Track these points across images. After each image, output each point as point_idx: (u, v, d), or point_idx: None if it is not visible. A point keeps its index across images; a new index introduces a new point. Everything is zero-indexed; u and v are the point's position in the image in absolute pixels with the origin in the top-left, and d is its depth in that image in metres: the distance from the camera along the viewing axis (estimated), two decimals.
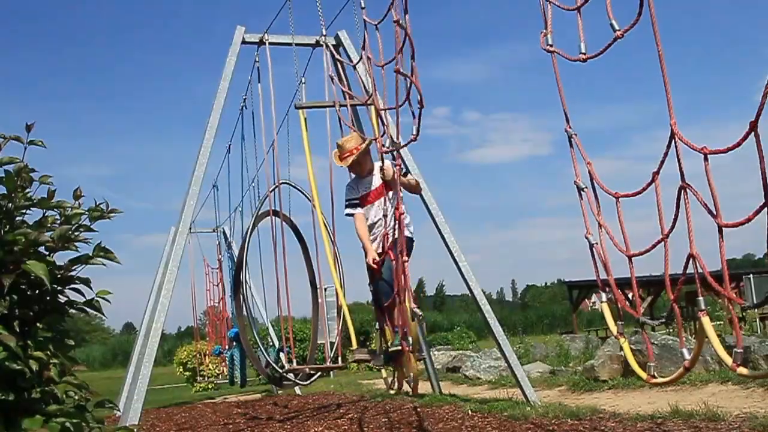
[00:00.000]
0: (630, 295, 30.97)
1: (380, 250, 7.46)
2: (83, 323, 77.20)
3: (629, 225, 4.64)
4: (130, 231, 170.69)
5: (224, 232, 19.61)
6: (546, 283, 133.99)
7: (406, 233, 6.95)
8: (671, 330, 17.01)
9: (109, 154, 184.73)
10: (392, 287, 6.99)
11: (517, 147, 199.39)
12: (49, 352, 3.15)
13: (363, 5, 7.16)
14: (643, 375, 4.57)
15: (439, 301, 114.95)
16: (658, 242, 4.13)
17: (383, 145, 7.24)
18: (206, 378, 21.72)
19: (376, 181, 7.71)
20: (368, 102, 8.29)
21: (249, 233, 11.28)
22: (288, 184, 11.20)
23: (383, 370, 7.13)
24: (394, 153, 6.93)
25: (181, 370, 25.27)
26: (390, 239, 7.05)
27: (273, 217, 11.28)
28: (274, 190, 10.93)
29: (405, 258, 6.34)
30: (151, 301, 14.66)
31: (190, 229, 10.98)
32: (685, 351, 4.17)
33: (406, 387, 8.03)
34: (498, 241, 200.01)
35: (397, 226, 6.60)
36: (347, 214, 7.85)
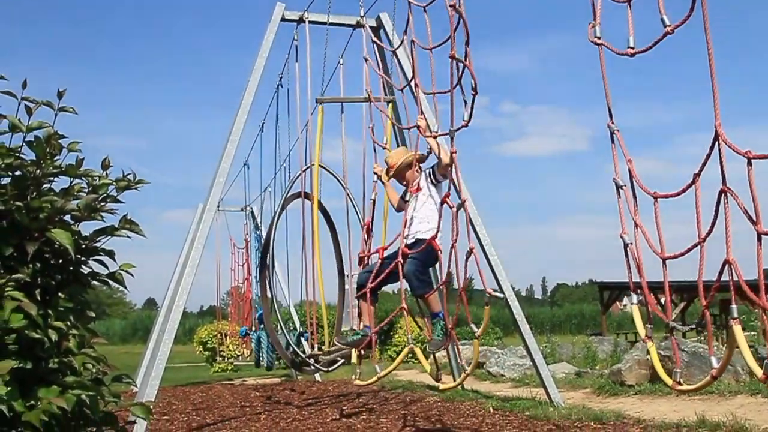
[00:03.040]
0: (662, 300, 30.79)
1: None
2: (105, 296, 77.87)
3: (665, 227, 4.59)
4: (156, 205, 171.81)
5: (252, 212, 19.63)
6: (577, 283, 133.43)
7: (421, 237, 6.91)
8: (702, 338, 16.86)
9: (139, 127, 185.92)
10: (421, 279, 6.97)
11: (554, 141, 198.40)
12: (69, 323, 3.17)
13: None
14: (669, 381, 4.53)
15: (467, 295, 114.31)
16: (694, 246, 4.09)
17: (426, 131, 7.14)
18: (226, 359, 21.83)
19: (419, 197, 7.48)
20: (403, 88, 8.21)
21: (277, 215, 11.30)
22: (320, 166, 11.19)
23: (427, 364, 7.13)
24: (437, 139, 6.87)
25: (201, 349, 25.43)
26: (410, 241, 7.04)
27: (303, 200, 11.29)
28: (304, 171, 10.93)
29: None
30: (175, 278, 14.73)
31: (218, 206, 11.00)
32: (713, 359, 4.13)
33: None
34: (530, 236, 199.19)
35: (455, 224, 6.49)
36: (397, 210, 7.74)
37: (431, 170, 7.28)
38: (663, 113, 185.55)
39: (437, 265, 6.96)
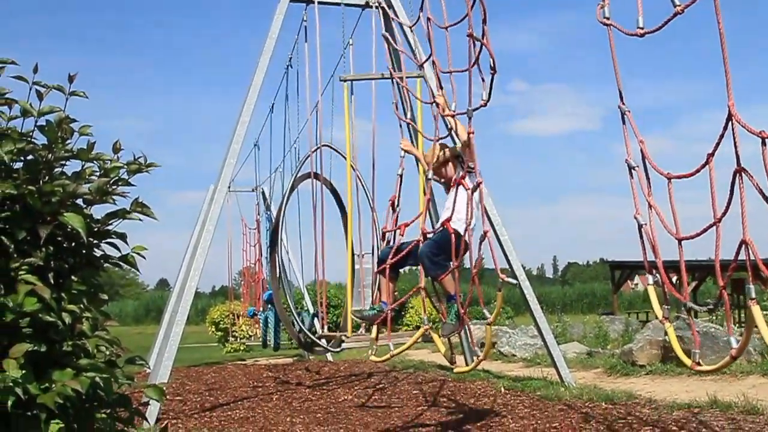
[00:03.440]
0: (675, 280, 30.71)
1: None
2: (117, 277, 78.14)
3: (679, 207, 4.57)
4: (168, 187, 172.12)
5: (263, 193, 19.62)
6: (588, 262, 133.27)
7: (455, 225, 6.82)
8: (714, 317, 16.81)
9: (149, 109, 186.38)
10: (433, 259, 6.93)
11: (564, 120, 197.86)
12: (82, 306, 3.18)
13: None
14: (688, 362, 4.52)
15: (484, 273, 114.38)
16: (710, 226, 4.06)
17: (444, 110, 7.07)
18: (238, 339, 21.89)
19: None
20: (425, 63, 8.11)
21: (287, 195, 11.30)
22: (329, 147, 11.18)
23: (442, 345, 7.14)
24: (455, 118, 6.81)
25: (214, 329, 25.50)
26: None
27: (313, 180, 11.29)
28: (314, 152, 10.92)
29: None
30: (187, 259, 14.77)
31: (229, 187, 11.00)
32: (732, 340, 4.12)
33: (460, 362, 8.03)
34: (541, 215, 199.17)
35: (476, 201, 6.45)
36: None
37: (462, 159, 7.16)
38: (675, 91, 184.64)
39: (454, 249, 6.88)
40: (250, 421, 8.41)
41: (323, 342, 11.75)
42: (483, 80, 5.87)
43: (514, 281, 6.47)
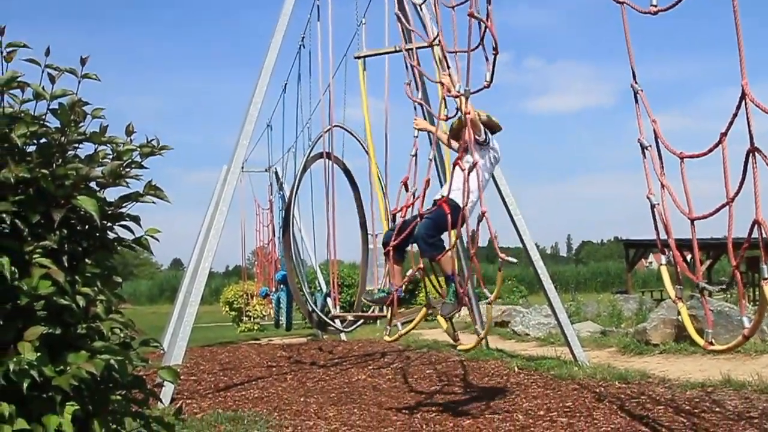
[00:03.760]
0: (690, 258, 30.62)
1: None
2: (131, 257, 78.29)
3: (691, 184, 4.56)
4: (180, 166, 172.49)
5: (276, 173, 19.64)
6: (602, 240, 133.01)
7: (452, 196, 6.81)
8: (729, 296, 16.77)
9: (162, 88, 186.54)
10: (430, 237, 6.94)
11: (579, 97, 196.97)
12: (96, 288, 3.20)
13: None
14: (701, 341, 4.52)
15: (492, 253, 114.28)
16: (723, 206, 4.05)
17: (450, 90, 7.05)
18: (252, 319, 21.99)
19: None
20: (433, 42, 8.08)
21: (299, 176, 11.33)
22: (341, 127, 11.19)
23: (444, 323, 7.17)
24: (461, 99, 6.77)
25: (227, 309, 25.61)
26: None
27: (325, 160, 11.31)
28: (326, 132, 10.94)
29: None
30: (200, 239, 14.81)
31: (242, 168, 11.00)
32: (745, 319, 4.12)
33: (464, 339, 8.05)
34: (555, 194, 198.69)
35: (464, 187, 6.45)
36: None
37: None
38: (689, 67, 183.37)
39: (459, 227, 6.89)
40: (264, 401, 8.46)
41: (337, 322, 11.81)
42: (487, 60, 5.86)
43: (514, 260, 6.47)
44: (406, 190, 7.66)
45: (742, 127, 3.83)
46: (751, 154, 3.75)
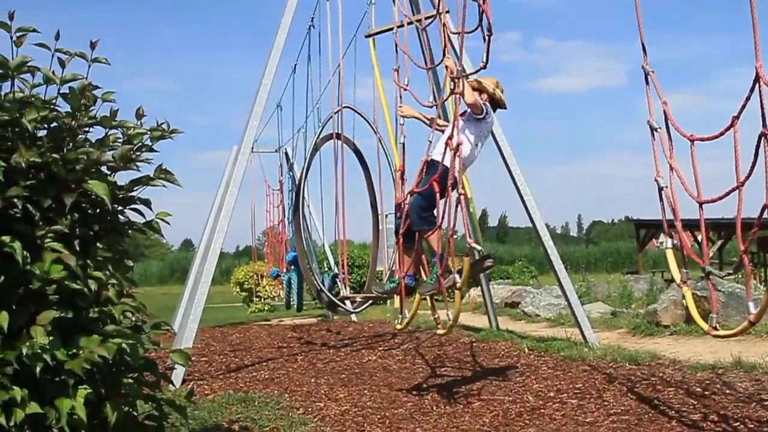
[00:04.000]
0: (698, 237, 30.49)
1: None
2: (142, 238, 78.47)
3: (701, 164, 4.55)
4: (191, 146, 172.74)
5: (286, 153, 19.63)
6: (613, 220, 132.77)
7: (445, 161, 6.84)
8: (740, 276, 16.70)
9: (173, 68, 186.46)
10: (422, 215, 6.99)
11: (589, 77, 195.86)
12: (108, 272, 3.23)
13: None
14: (705, 326, 4.53)
15: (502, 232, 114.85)
16: (732, 190, 4.05)
17: (453, 72, 7.05)
18: (262, 299, 22.07)
19: None
20: (440, 12, 8.05)
21: (310, 157, 11.33)
22: (351, 108, 11.18)
23: (418, 302, 7.24)
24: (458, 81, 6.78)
25: (238, 290, 25.69)
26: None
27: (335, 141, 11.32)
28: (336, 113, 10.94)
29: (462, 191, 6.30)
30: (211, 220, 14.84)
31: (252, 149, 11.00)
32: (751, 304, 4.11)
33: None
34: (566, 173, 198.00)
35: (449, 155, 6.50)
36: None
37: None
38: (702, 46, 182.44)
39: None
40: (275, 382, 8.50)
41: (347, 303, 11.85)
42: (484, 39, 5.88)
43: (479, 247, 6.50)
44: (402, 179, 7.70)
45: (755, 107, 3.82)
46: (763, 138, 3.74)
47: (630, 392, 6.83)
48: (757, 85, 3.77)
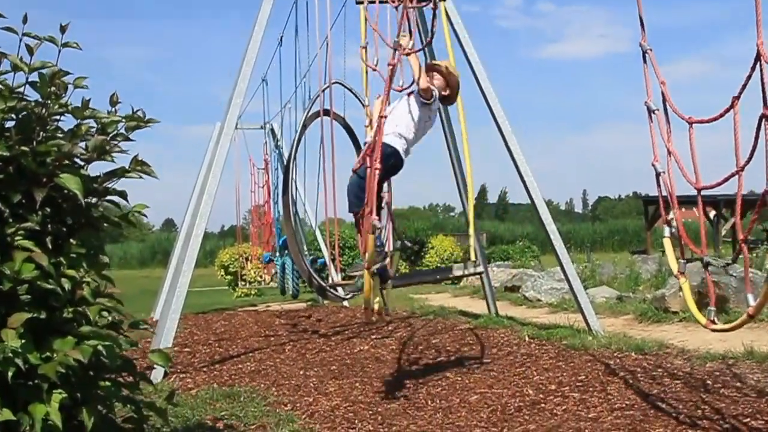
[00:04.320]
0: (710, 214, 30.56)
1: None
2: (124, 207, 78.26)
3: (701, 140, 4.56)
4: (174, 119, 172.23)
5: (272, 130, 19.55)
6: (620, 196, 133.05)
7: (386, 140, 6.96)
8: (754, 257, 16.73)
9: (152, 36, 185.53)
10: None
11: (594, 43, 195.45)
12: (82, 270, 3.25)
13: None
14: (702, 320, 4.57)
15: (501, 209, 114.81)
16: (732, 176, 4.07)
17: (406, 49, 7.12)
18: (248, 283, 22.10)
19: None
20: None
21: (298, 135, 11.34)
22: (340, 84, 11.18)
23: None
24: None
25: (223, 273, 25.73)
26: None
27: (322, 118, 11.31)
28: (325, 90, 10.93)
29: (377, 166, 6.42)
30: (193, 203, 14.84)
31: (237, 125, 10.97)
32: (750, 297, 4.14)
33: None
34: (570, 146, 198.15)
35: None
36: None
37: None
38: (712, 9, 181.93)
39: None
40: (261, 375, 8.56)
41: (339, 290, 11.90)
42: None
43: (409, 244, 6.68)
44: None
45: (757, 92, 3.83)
46: (764, 119, 3.74)
47: (635, 385, 6.88)
48: (758, 64, 3.76)
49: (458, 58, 10.03)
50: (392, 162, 7.02)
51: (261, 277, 21.43)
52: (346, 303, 15.77)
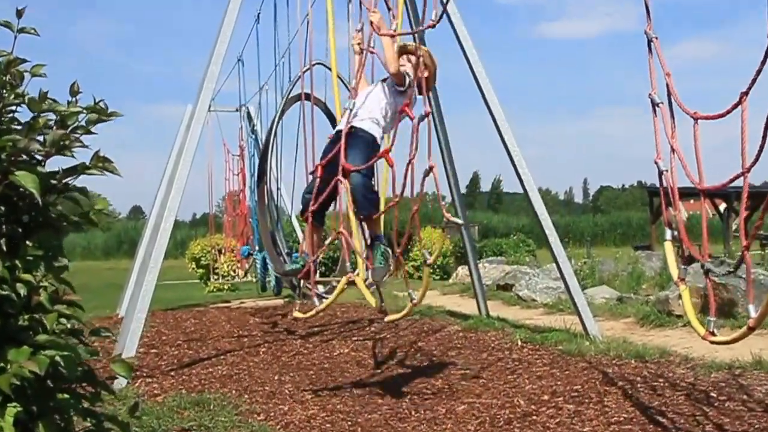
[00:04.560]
0: (720, 207, 30.67)
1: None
2: (86, 206, 77.90)
3: (704, 133, 4.59)
4: (140, 99, 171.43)
5: (249, 113, 19.47)
6: (623, 186, 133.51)
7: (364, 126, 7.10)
8: (764, 253, 16.79)
9: (117, 10, 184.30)
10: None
11: (598, 21, 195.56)
12: (39, 274, 3.26)
13: None
14: (701, 330, 4.60)
15: (494, 198, 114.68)
16: (737, 177, 4.10)
17: (379, 29, 7.12)
18: (221, 277, 22.06)
19: None
20: None
21: (276, 121, 11.35)
22: (322, 65, 11.18)
23: (370, 296, 7.41)
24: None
25: (194, 266, 25.65)
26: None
27: (303, 102, 11.31)
28: (306, 71, 10.94)
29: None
30: (161, 193, 14.79)
31: (210, 107, 10.94)
32: (751, 308, 4.16)
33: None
34: (571, 131, 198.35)
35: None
36: None
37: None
38: None
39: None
40: (233, 380, 8.58)
41: (319, 288, 11.92)
42: None
43: (460, 221, 6.65)
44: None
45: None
46: None
47: (635, 396, 6.92)
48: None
49: (447, 35, 10.06)
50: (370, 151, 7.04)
51: (235, 271, 21.41)
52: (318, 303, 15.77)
